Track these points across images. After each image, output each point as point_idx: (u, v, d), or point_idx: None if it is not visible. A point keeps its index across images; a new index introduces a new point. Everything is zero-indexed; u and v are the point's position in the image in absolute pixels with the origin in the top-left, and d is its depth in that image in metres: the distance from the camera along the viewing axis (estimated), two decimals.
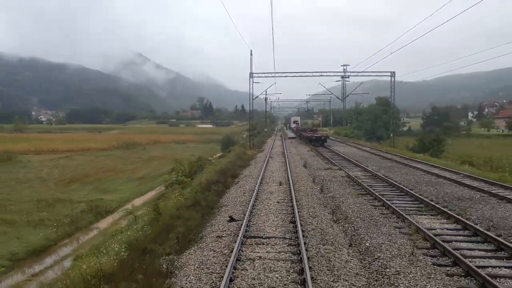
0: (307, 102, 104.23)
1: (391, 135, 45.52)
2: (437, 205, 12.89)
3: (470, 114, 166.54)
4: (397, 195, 15.30)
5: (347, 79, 58.51)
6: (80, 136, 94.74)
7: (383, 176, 19.39)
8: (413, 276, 7.28)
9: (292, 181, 17.57)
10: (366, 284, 7.08)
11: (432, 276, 7.33)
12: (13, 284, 13.41)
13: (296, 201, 13.20)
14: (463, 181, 17.91)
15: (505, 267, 7.94)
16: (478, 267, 7.61)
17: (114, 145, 71.01)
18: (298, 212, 11.72)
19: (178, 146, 77.96)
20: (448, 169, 22.54)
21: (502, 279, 7.33)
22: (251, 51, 40.48)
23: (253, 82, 42.02)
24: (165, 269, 7.70)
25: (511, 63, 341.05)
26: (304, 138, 49.69)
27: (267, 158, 27.96)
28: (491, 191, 15.43)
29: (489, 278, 6.96)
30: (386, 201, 13.47)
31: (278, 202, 13.72)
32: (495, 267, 7.94)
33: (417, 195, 14.62)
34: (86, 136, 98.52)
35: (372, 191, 15.44)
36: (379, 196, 14.43)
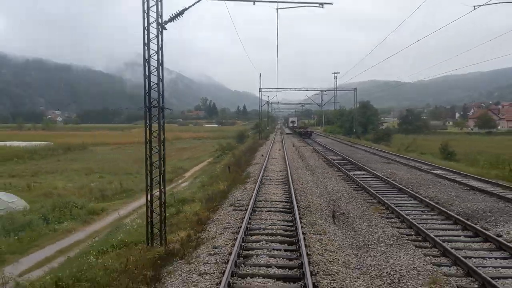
0: (302, 105, 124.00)
1: (354, 130, 65.00)
2: (344, 156, 32.03)
3: (457, 115, 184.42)
4: (332, 153, 34.51)
5: (324, 93, 78.37)
6: (113, 133, 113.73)
7: (332, 149, 38.62)
8: (320, 168, 26.54)
9: (285, 149, 36.83)
10: (304, 167, 26.28)
11: (328, 168, 26.62)
12: (169, 188, 32.45)
13: (285, 154, 32.41)
14: (368, 150, 37.13)
15: (358, 175, 27.14)
16: (350, 172, 26.72)
17: None
18: (286, 155, 30.95)
19: (197, 141, 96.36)
20: (372, 147, 41.78)
21: (352, 172, 26.55)
22: (260, 74, 59.83)
23: (261, 95, 61.41)
24: (248, 160, 27.11)
25: (510, 63, 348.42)
26: (297, 133, 69.29)
27: (272, 143, 47.28)
28: (377, 153, 34.64)
29: (343, 170, 26.21)
30: (324, 154, 32.72)
31: (279, 155, 33.06)
32: (357, 173, 27.06)
33: (340, 153, 33.80)
34: (117, 133, 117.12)
35: (321, 152, 34.68)
36: (323, 153, 33.67)
